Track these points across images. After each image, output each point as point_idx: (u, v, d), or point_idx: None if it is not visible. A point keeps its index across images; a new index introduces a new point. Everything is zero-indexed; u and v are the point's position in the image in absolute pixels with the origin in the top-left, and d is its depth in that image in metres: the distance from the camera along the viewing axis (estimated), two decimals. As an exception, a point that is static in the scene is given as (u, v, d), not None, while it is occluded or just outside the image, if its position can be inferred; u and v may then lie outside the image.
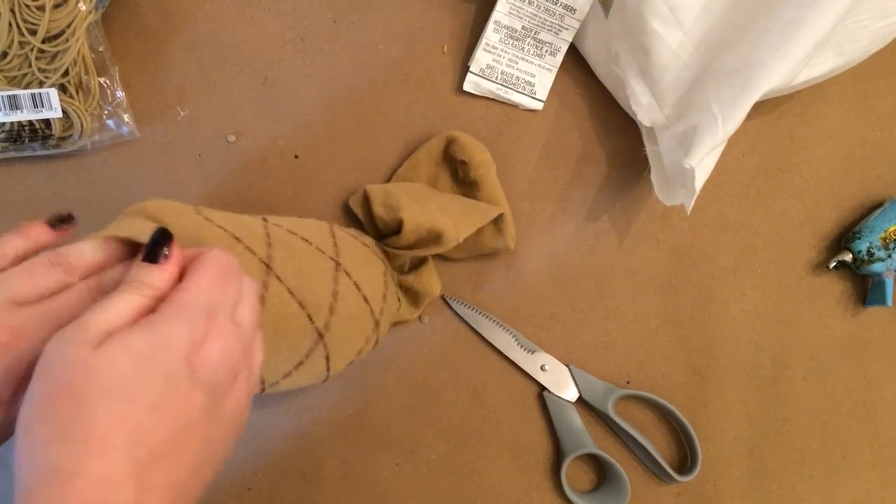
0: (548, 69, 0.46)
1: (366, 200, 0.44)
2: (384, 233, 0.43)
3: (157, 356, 0.22)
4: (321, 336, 0.35)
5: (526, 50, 0.45)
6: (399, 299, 0.43)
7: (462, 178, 0.46)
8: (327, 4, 0.46)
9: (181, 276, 0.25)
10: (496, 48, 0.45)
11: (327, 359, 0.37)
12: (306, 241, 0.37)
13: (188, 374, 0.23)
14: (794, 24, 0.37)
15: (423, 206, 0.41)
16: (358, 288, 0.37)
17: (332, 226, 0.40)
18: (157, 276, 0.25)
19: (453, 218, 0.41)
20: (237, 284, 0.26)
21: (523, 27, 0.44)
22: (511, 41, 0.45)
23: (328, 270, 0.36)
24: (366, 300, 0.38)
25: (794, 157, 0.50)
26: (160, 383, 0.22)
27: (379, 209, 0.42)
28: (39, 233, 0.28)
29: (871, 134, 0.50)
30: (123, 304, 0.23)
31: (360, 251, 0.40)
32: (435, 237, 0.40)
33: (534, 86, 0.46)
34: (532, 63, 0.46)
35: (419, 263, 0.45)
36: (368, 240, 0.42)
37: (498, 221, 0.44)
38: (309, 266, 0.36)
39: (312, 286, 0.35)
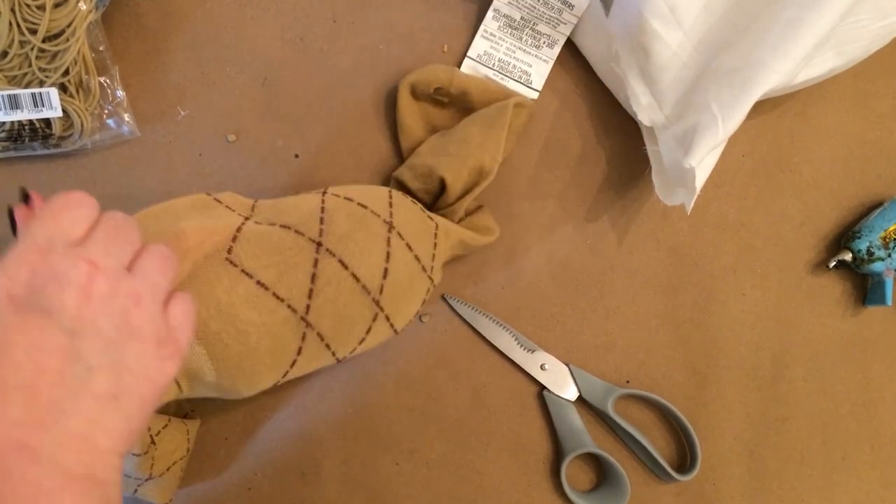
0: (544, 60, 0.46)
1: (401, 185, 0.44)
2: (435, 200, 0.44)
3: None
4: (377, 303, 0.37)
5: (524, 40, 0.46)
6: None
7: (450, 104, 0.46)
8: (327, 4, 0.46)
9: None
10: (494, 35, 0.45)
11: (389, 319, 0.38)
12: (362, 206, 0.38)
13: (14, 305, 0.23)
14: (793, 24, 0.37)
15: (449, 154, 0.41)
16: (409, 248, 0.38)
17: (390, 190, 0.41)
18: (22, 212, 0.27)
19: (479, 144, 0.41)
20: (111, 230, 0.27)
21: (522, 18, 0.45)
22: (509, 30, 0.45)
23: (381, 234, 0.37)
24: (417, 259, 0.39)
25: (794, 156, 0.50)
26: None
27: (416, 184, 0.43)
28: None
29: (871, 134, 0.50)
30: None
31: (413, 212, 0.40)
32: (477, 173, 0.41)
33: (530, 75, 0.46)
34: (529, 53, 0.46)
35: (474, 209, 0.46)
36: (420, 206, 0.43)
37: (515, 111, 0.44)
38: (361, 233, 0.36)
39: (364, 253, 0.36)
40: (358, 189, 0.40)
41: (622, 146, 0.48)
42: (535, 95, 0.47)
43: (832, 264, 0.48)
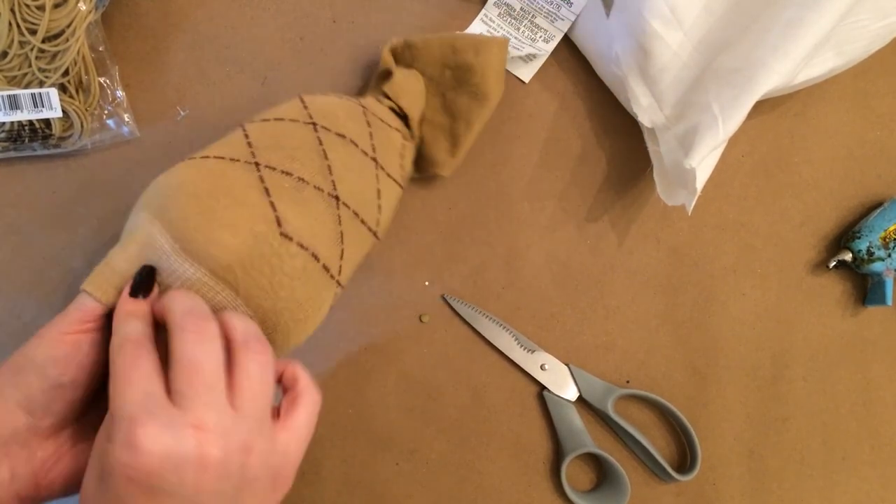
0: (539, 54, 0.46)
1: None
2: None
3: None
4: (375, 234, 0.38)
5: (521, 31, 0.46)
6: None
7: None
8: (327, 4, 0.46)
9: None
10: (493, 21, 0.46)
11: (384, 170, 0.39)
12: (354, 143, 0.37)
13: (134, 490, 0.24)
14: (794, 24, 0.37)
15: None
16: (389, 176, 0.39)
17: (364, 110, 0.40)
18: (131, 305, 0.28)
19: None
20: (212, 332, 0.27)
21: (522, 8, 0.45)
22: (509, 18, 0.46)
23: (372, 174, 0.38)
24: (399, 185, 0.40)
25: (794, 156, 0.50)
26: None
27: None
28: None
29: (870, 134, 0.50)
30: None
31: (387, 135, 0.40)
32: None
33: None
34: (524, 44, 0.46)
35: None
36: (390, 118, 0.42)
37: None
38: (361, 180, 0.37)
39: (365, 196, 0.37)
40: (338, 116, 0.38)
41: (622, 146, 0.48)
42: (525, 79, 0.48)
43: (832, 264, 0.48)
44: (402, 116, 0.42)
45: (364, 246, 0.38)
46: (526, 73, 0.47)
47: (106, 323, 0.29)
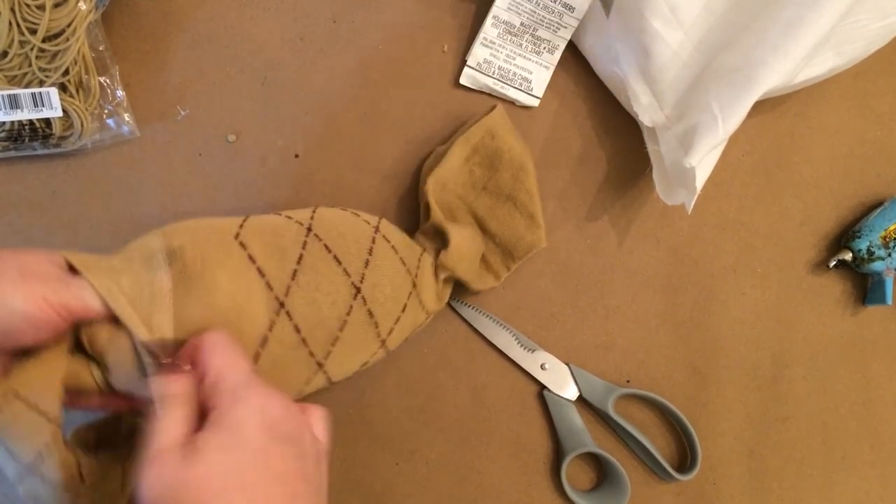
0: (545, 66, 0.46)
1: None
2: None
3: (239, 439, 0.25)
4: (383, 343, 0.39)
5: (524, 46, 0.45)
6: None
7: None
8: (327, 4, 0.46)
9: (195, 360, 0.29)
10: (494, 43, 0.45)
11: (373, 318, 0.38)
12: (401, 260, 0.38)
13: (269, 436, 0.26)
14: (793, 24, 0.37)
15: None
16: (421, 302, 0.40)
17: (374, 233, 0.39)
18: (179, 384, 0.28)
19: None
20: (238, 351, 0.30)
21: (522, 23, 0.44)
22: (509, 36, 0.45)
23: (406, 290, 0.39)
24: (427, 314, 0.41)
25: (794, 156, 0.50)
26: (255, 456, 0.25)
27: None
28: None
29: (870, 133, 0.50)
30: (175, 420, 0.26)
31: (391, 269, 0.39)
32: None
33: (530, 82, 0.46)
34: (529, 60, 0.46)
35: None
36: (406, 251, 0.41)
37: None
38: (392, 287, 0.37)
39: (387, 304, 0.37)
40: (341, 231, 0.38)
41: (622, 146, 0.48)
42: (535, 103, 0.47)
43: (832, 264, 0.48)
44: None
45: (365, 348, 0.38)
46: (538, 91, 0.47)
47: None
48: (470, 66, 0.46)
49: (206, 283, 0.32)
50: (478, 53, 0.45)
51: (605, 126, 0.48)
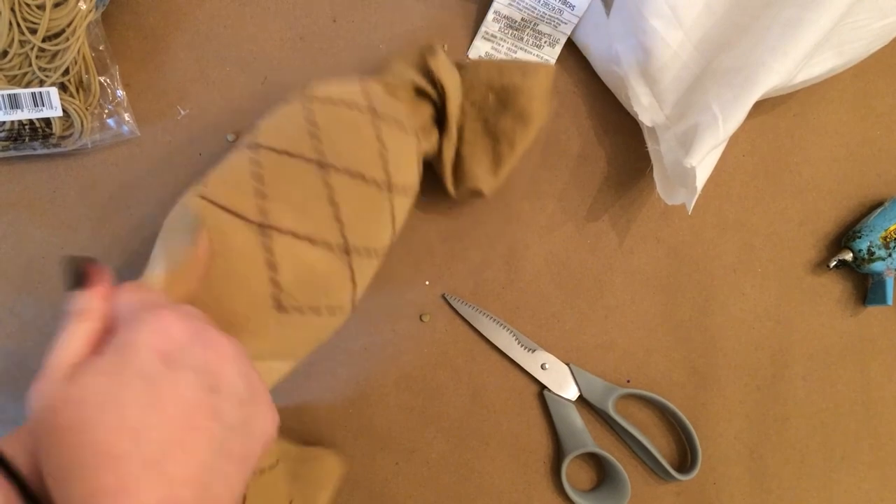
0: (546, 60, 0.46)
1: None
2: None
3: (125, 362, 0.23)
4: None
5: (525, 40, 0.46)
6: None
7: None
8: (327, 4, 0.46)
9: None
10: (495, 37, 0.45)
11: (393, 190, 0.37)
12: (363, 178, 0.35)
13: (164, 361, 0.23)
14: (793, 24, 0.37)
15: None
16: (404, 192, 0.38)
17: (374, 118, 0.37)
18: (83, 299, 0.26)
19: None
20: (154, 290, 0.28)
21: (523, 18, 0.45)
22: (510, 30, 0.45)
23: (387, 209, 0.36)
24: (411, 196, 0.39)
25: (794, 156, 0.50)
26: (140, 383, 0.22)
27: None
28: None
29: (870, 133, 0.50)
30: (76, 336, 0.24)
31: (401, 146, 0.37)
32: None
33: None
34: (530, 54, 0.46)
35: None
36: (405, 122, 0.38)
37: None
38: (374, 222, 0.36)
39: (378, 233, 0.36)
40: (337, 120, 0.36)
41: (622, 146, 0.48)
42: None
43: (832, 264, 0.48)
44: (433, 103, 0.40)
45: (374, 269, 0.37)
46: None
47: None
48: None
49: None
50: (479, 47, 0.45)
51: (605, 126, 0.48)
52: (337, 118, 0.36)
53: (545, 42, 0.46)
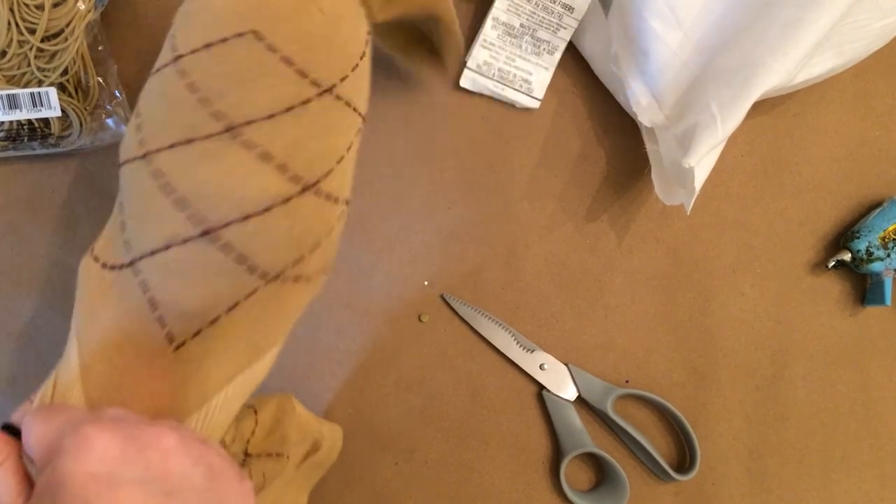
0: (545, 68, 0.46)
1: None
2: None
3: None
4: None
5: (524, 48, 0.45)
6: None
7: None
8: (327, 4, 0.46)
9: None
10: (494, 45, 0.45)
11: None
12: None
13: (102, 485, 0.20)
14: (793, 24, 0.37)
15: None
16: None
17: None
18: None
19: None
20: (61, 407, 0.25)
21: (521, 25, 0.44)
22: (509, 38, 0.45)
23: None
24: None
25: (794, 156, 0.50)
26: None
27: None
28: None
29: (870, 134, 0.50)
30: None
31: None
32: None
33: (531, 84, 0.46)
34: (529, 61, 0.46)
35: None
36: None
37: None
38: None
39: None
40: None
41: (622, 146, 0.48)
42: (536, 105, 0.47)
43: (831, 264, 0.48)
44: None
45: (338, 120, 0.30)
46: (538, 93, 0.47)
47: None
48: (470, 69, 0.46)
49: None
50: (478, 55, 0.45)
51: (605, 126, 0.48)
52: (213, 64, 0.27)
53: (544, 49, 0.45)
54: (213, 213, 0.25)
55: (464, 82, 0.46)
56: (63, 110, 0.41)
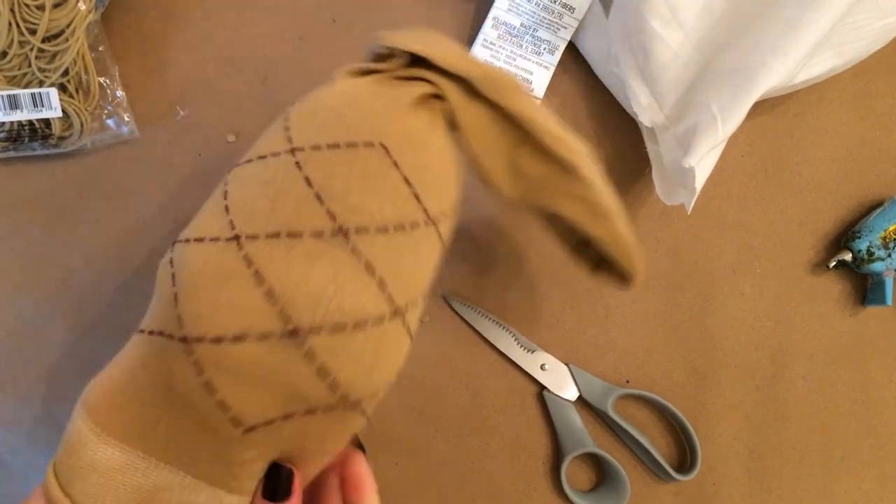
0: (545, 67, 0.46)
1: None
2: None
3: None
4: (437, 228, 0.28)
5: (524, 47, 0.45)
6: None
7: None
8: (327, 4, 0.46)
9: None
10: (494, 44, 0.45)
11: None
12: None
13: None
14: (793, 24, 0.37)
15: None
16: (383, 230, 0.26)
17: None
18: None
19: None
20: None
21: (522, 24, 0.44)
22: (509, 38, 0.45)
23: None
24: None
25: (794, 156, 0.50)
26: None
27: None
28: None
29: (870, 134, 0.50)
30: None
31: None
32: None
33: (531, 83, 0.46)
34: (530, 60, 0.46)
35: None
36: None
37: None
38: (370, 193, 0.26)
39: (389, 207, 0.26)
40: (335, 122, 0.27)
41: (622, 146, 0.48)
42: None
43: (832, 264, 0.48)
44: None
45: (432, 253, 0.28)
46: (538, 92, 0.47)
47: None
48: None
49: None
50: (478, 55, 0.45)
51: (605, 126, 0.48)
52: (336, 164, 0.26)
53: (544, 49, 0.45)
54: (304, 316, 0.23)
55: None
56: (64, 111, 0.41)
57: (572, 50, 0.47)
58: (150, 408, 0.25)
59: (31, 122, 0.41)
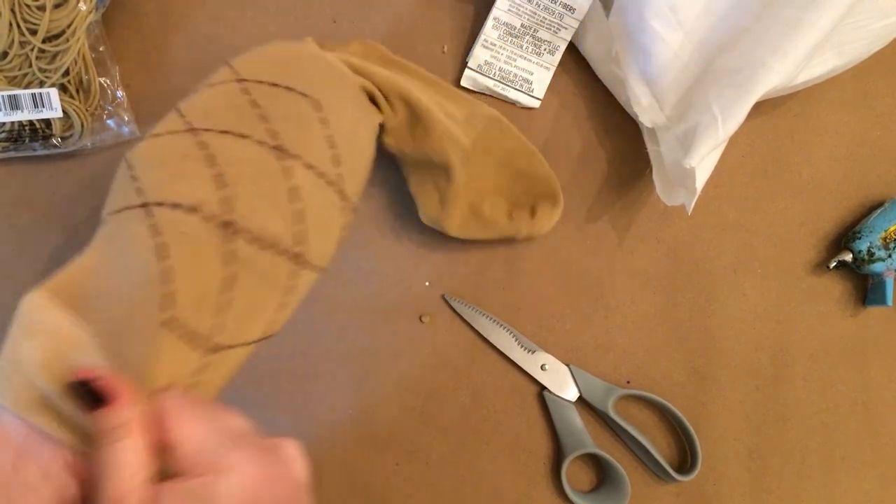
0: (546, 67, 0.46)
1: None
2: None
3: None
4: (298, 257, 0.30)
5: (524, 48, 0.45)
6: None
7: None
8: (327, 4, 0.46)
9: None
10: (494, 45, 0.45)
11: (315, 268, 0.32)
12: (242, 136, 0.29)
13: None
14: (794, 24, 0.37)
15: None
16: (311, 167, 0.30)
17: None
18: (130, 410, 0.23)
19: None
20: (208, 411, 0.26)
21: (522, 25, 0.44)
22: (510, 38, 0.45)
23: (275, 173, 0.29)
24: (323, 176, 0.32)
25: (794, 157, 0.50)
26: None
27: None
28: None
29: (871, 134, 0.50)
30: (134, 452, 0.22)
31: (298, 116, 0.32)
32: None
33: (531, 84, 0.46)
34: (530, 61, 0.46)
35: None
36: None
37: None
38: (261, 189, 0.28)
39: (269, 216, 0.28)
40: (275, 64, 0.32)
41: (622, 146, 0.48)
42: (536, 104, 0.47)
43: (832, 265, 0.48)
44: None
45: (338, 219, 0.31)
46: (538, 93, 0.47)
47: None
48: (471, 69, 0.46)
49: None
50: (478, 55, 0.45)
51: (605, 126, 0.48)
52: (277, 97, 0.30)
53: (545, 49, 0.45)
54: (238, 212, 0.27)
55: (465, 82, 0.46)
56: (64, 111, 0.41)
57: (573, 50, 0.47)
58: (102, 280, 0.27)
59: (31, 123, 0.41)
